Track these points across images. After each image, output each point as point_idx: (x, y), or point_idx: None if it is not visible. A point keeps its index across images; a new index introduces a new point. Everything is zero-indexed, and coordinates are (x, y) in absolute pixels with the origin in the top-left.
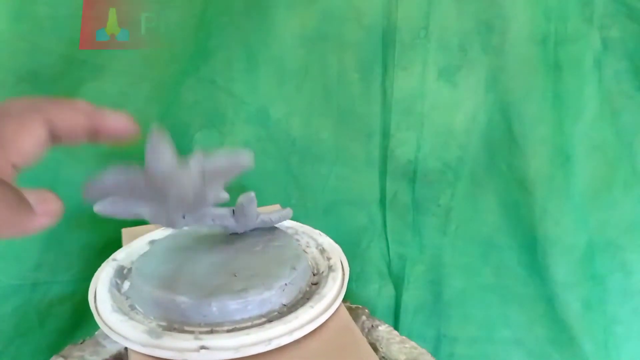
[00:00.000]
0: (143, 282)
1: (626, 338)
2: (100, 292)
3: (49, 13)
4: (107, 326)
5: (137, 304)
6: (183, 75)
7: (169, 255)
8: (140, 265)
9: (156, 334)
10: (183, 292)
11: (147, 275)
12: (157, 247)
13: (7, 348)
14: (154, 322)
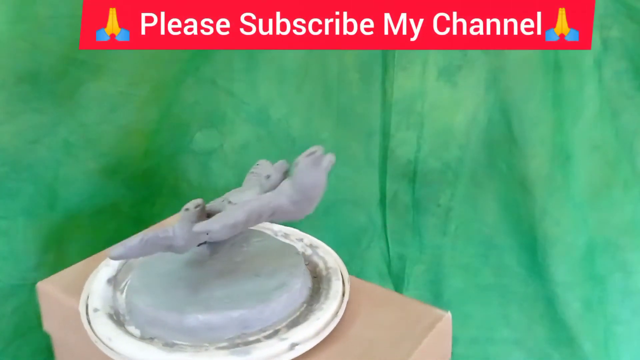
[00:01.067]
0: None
1: (626, 338)
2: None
3: (49, 13)
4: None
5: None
6: (183, 75)
7: (170, 280)
8: (146, 297)
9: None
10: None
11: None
12: (148, 277)
13: (7, 348)
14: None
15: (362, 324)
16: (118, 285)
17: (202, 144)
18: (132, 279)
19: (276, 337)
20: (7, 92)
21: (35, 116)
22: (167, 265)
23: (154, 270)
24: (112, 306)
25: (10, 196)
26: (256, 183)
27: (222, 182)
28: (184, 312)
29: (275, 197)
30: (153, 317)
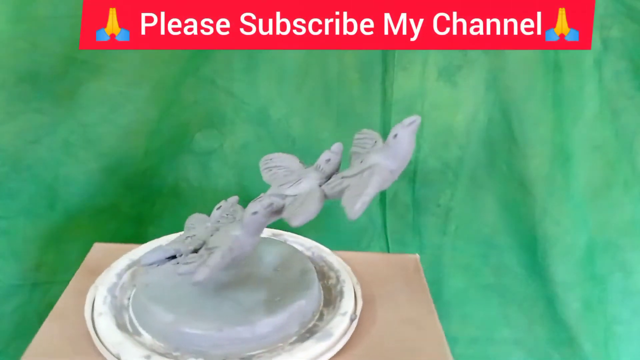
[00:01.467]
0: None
1: (626, 338)
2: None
3: (49, 13)
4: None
5: (151, 334)
6: (183, 75)
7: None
8: (160, 303)
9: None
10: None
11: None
12: (157, 286)
13: (7, 348)
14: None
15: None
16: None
17: (202, 144)
18: (142, 295)
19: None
20: (7, 92)
21: (35, 116)
22: (171, 279)
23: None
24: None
25: (10, 196)
26: (305, 171)
27: (222, 182)
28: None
29: (379, 172)
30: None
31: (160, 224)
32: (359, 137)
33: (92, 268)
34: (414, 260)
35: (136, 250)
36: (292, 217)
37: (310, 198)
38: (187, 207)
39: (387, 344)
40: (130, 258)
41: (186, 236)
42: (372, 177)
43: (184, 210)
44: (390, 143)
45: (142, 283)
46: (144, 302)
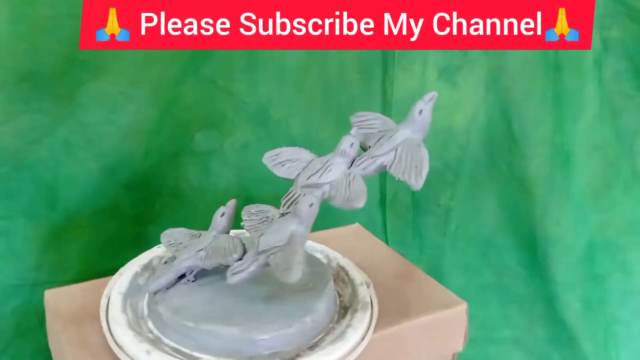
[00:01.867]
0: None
1: (626, 338)
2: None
3: (49, 13)
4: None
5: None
6: (183, 75)
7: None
8: (178, 304)
9: None
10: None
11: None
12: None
13: (7, 348)
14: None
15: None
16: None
17: (202, 144)
18: (186, 321)
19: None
20: (7, 92)
21: (35, 116)
22: (195, 296)
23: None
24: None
25: (10, 196)
26: (325, 159)
27: (222, 182)
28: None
29: (420, 144)
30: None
31: (160, 224)
32: (359, 119)
33: (69, 317)
34: (359, 228)
35: (112, 283)
36: (351, 201)
37: (354, 180)
38: (187, 207)
39: (401, 300)
40: (118, 292)
41: (196, 250)
42: (422, 149)
43: (184, 210)
44: (417, 119)
45: (171, 309)
46: (192, 326)
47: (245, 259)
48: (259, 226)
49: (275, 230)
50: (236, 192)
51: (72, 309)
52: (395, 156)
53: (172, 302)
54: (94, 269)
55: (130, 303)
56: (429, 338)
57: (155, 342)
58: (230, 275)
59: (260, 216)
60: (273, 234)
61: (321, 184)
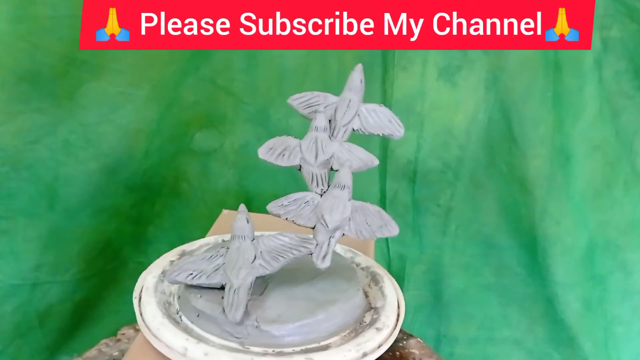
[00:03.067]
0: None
1: (626, 338)
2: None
3: (49, 13)
4: None
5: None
6: (183, 75)
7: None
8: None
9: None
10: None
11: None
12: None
13: (7, 348)
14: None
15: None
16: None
17: (202, 144)
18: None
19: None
20: (7, 92)
21: (35, 116)
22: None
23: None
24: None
25: (10, 196)
26: (316, 137)
27: (222, 182)
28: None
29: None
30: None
31: (160, 224)
32: (299, 101)
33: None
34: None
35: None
36: (371, 161)
37: (350, 147)
38: (187, 207)
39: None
40: (179, 348)
41: (251, 262)
42: (382, 108)
43: (184, 210)
44: (359, 86)
45: (274, 321)
46: (311, 320)
47: (319, 242)
48: (302, 212)
49: (335, 207)
50: (236, 192)
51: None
52: (361, 119)
53: (264, 317)
54: (94, 268)
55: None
56: None
57: (281, 355)
58: (320, 260)
59: (298, 203)
60: (335, 211)
61: (329, 158)
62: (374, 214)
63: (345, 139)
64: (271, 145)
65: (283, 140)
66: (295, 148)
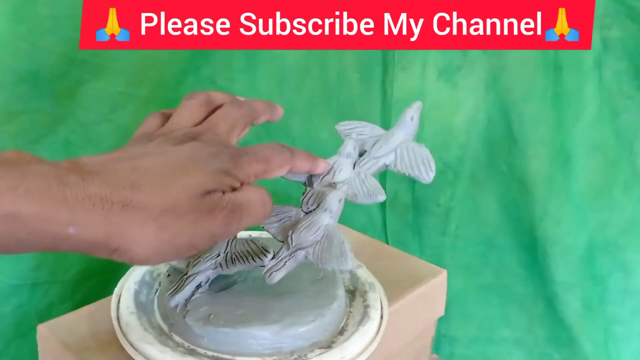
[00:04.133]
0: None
1: (626, 338)
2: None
3: (49, 13)
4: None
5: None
6: (183, 75)
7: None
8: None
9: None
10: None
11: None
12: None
13: (7, 348)
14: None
15: None
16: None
17: None
18: (223, 327)
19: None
20: (7, 92)
21: (35, 116)
22: (218, 301)
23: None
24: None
25: None
26: (335, 160)
27: None
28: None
29: (418, 143)
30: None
31: None
32: (347, 127)
33: (77, 346)
34: None
35: (116, 305)
36: (373, 195)
37: (367, 177)
38: None
39: (388, 279)
40: (130, 312)
41: (212, 260)
42: (424, 147)
43: None
44: (408, 124)
45: (202, 319)
46: (230, 331)
47: (279, 257)
48: (283, 226)
49: (309, 227)
50: None
51: (80, 340)
52: (397, 156)
53: (198, 312)
54: (94, 268)
55: (146, 321)
56: (422, 307)
57: (193, 352)
58: (268, 275)
59: (282, 216)
60: (307, 230)
61: (335, 183)
62: (337, 244)
63: (372, 171)
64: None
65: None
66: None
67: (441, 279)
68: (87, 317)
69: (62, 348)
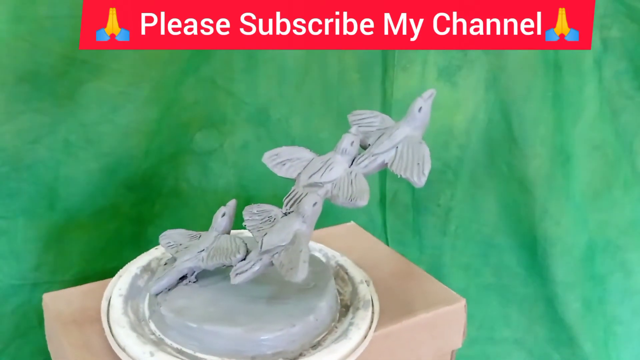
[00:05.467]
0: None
1: (626, 338)
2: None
3: (49, 13)
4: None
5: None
6: (183, 75)
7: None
8: (178, 305)
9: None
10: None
11: (194, 314)
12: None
13: (7, 348)
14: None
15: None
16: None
17: (202, 144)
18: (189, 322)
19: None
20: (7, 92)
21: (35, 116)
22: (197, 297)
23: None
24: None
25: (10, 196)
26: (326, 157)
27: (222, 182)
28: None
29: (421, 141)
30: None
31: (160, 224)
32: (357, 117)
33: (70, 320)
34: (354, 227)
35: (112, 285)
36: (355, 199)
37: (356, 178)
38: (187, 207)
39: (400, 298)
40: (119, 294)
41: (197, 251)
42: (423, 146)
43: (184, 210)
44: (417, 116)
45: (173, 311)
46: (194, 327)
47: (249, 258)
48: (262, 226)
49: (279, 230)
50: (236, 192)
51: (72, 312)
52: (397, 154)
53: (174, 303)
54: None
55: (131, 305)
56: (429, 335)
57: (158, 343)
58: (233, 276)
59: (263, 216)
60: (276, 233)
61: (323, 182)
62: (295, 253)
63: (369, 169)
64: (278, 152)
65: (294, 151)
66: (301, 162)
67: (457, 307)
68: (88, 293)
69: (54, 317)
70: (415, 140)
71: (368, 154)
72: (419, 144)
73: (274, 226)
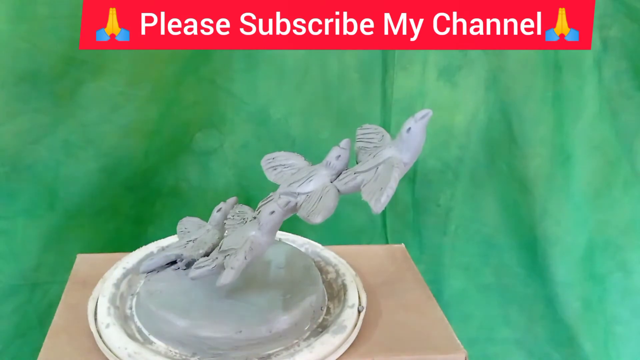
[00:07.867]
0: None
1: (626, 338)
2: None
3: (49, 13)
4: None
5: (158, 338)
6: (183, 75)
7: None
8: (163, 302)
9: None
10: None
11: (177, 310)
12: (160, 284)
13: (7, 348)
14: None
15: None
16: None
17: (202, 144)
18: (150, 304)
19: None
20: (7, 92)
21: (35, 116)
22: (176, 285)
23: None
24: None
25: (10, 196)
26: (313, 168)
27: (222, 182)
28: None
29: (398, 165)
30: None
31: (160, 224)
32: (363, 131)
33: (81, 280)
34: (401, 250)
35: (127, 258)
36: (311, 214)
37: (326, 195)
38: (187, 207)
39: (396, 332)
40: (123, 267)
41: (187, 240)
42: (393, 170)
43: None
44: (404, 137)
45: (147, 291)
46: (153, 310)
47: (211, 256)
48: (237, 226)
49: (237, 234)
50: (236, 192)
51: (81, 276)
52: (374, 175)
53: (153, 285)
54: None
55: (130, 278)
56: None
57: (126, 319)
58: (192, 269)
59: (240, 217)
60: (234, 236)
61: (297, 193)
62: (238, 258)
63: (348, 187)
64: (275, 156)
65: (289, 157)
66: (291, 169)
67: (454, 358)
68: (111, 260)
69: (72, 276)
70: (392, 163)
71: (351, 171)
72: (391, 167)
73: (236, 229)
